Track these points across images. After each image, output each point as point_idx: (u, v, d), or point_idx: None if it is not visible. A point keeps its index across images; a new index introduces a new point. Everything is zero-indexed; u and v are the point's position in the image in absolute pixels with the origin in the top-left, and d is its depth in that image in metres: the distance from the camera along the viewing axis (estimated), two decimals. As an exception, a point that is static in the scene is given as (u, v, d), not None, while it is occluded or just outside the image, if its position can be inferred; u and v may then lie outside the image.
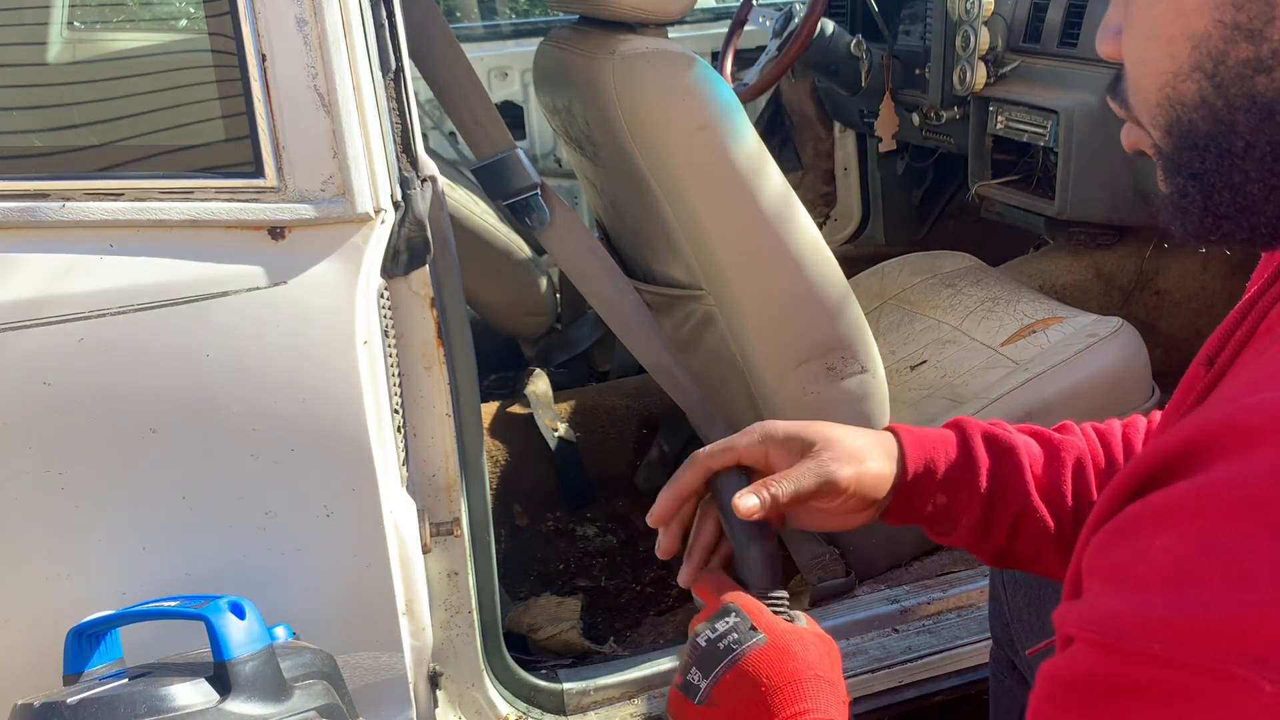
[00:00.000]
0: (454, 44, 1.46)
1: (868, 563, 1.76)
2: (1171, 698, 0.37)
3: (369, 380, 1.13)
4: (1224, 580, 0.36)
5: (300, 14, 1.05)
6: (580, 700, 1.51)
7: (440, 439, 1.29)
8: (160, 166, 1.10)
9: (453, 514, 1.32)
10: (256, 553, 1.15)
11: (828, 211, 3.00)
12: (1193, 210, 0.52)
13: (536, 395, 2.14)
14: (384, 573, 1.19)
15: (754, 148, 1.52)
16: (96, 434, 1.08)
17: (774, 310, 1.58)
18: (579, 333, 2.41)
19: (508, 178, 1.49)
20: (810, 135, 2.94)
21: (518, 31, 3.08)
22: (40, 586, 1.11)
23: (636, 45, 1.49)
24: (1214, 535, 0.37)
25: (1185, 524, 0.38)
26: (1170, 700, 0.37)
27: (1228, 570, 0.36)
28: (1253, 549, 0.36)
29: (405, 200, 1.18)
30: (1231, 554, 0.36)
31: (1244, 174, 0.49)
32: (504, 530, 1.98)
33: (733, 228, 1.53)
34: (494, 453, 2.06)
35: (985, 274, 2.18)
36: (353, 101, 1.08)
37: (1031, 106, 2.13)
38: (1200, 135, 0.50)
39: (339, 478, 1.14)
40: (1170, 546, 0.39)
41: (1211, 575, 0.37)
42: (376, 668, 1.23)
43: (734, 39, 2.50)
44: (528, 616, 1.78)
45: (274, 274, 1.09)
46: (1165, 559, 0.39)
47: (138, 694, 0.94)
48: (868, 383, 1.65)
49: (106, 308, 1.05)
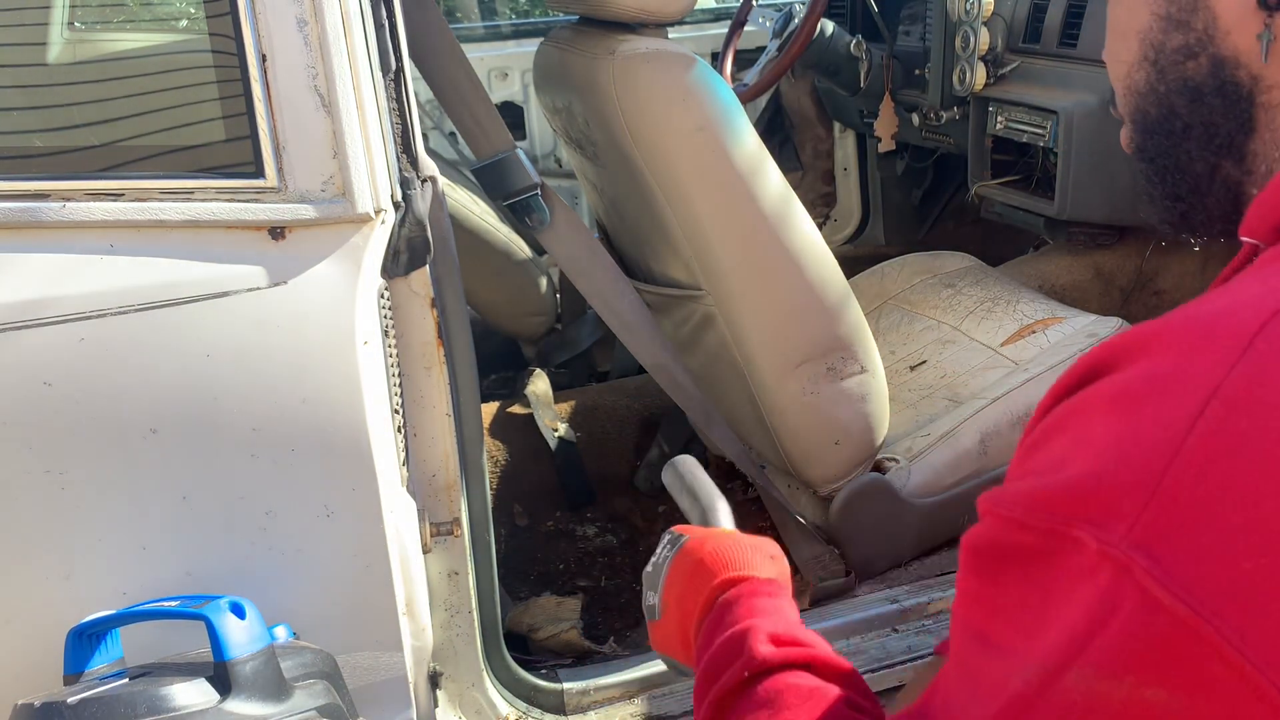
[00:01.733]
0: (454, 44, 1.46)
1: (868, 562, 1.76)
2: (1031, 558, 0.42)
3: (369, 380, 1.13)
4: (1083, 458, 0.41)
5: (300, 14, 1.05)
6: (580, 700, 1.51)
7: (440, 439, 1.29)
8: (161, 167, 1.10)
9: (453, 514, 1.32)
10: (257, 553, 1.15)
11: (828, 211, 3.00)
12: (1156, 194, 0.57)
13: (536, 395, 2.14)
14: (384, 573, 1.19)
15: (754, 148, 1.52)
16: (97, 434, 1.08)
17: (774, 310, 1.58)
18: (579, 333, 2.41)
19: (508, 178, 1.49)
20: (810, 135, 2.94)
21: (518, 32, 3.08)
22: (40, 586, 1.11)
23: (636, 45, 1.49)
24: (1089, 428, 0.42)
25: (1072, 423, 0.43)
26: (1030, 560, 0.42)
27: (1087, 450, 0.41)
28: (1106, 430, 0.41)
29: (405, 200, 1.18)
30: (1092, 437, 0.41)
31: (1188, 154, 0.54)
32: (504, 530, 1.98)
33: (732, 228, 1.53)
34: (494, 453, 2.06)
35: (985, 274, 2.18)
36: (353, 102, 1.08)
37: (1031, 107, 2.13)
38: (1152, 120, 0.55)
39: (339, 478, 1.14)
40: (1060, 443, 0.44)
41: (1077, 456, 0.41)
42: (376, 667, 1.23)
43: (734, 39, 2.50)
44: (528, 616, 1.78)
45: (274, 274, 1.09)
46: (1054, 453, 0.44)
47: (138, 694, 0.94)
48: (867, 383, 1.65)
49: (107, 308, 1.06)
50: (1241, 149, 0.53)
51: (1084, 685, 0.39)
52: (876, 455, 1.73)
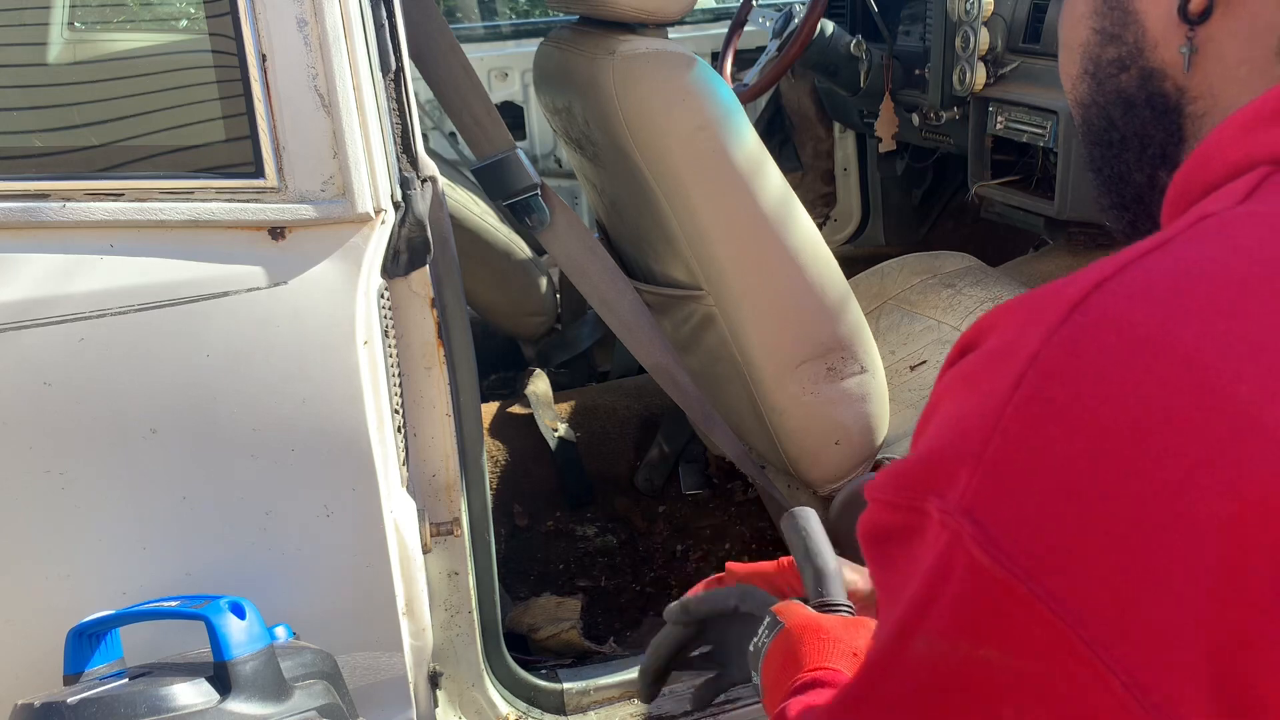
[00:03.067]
0: (454, 44, 1.46)
1: (868, 562, 1.76)
2: (901, 534, 0.44)
3: (369, 380, 1.13)
4: (933, 434, 0.43)
5: (300, 14, 1.05)
6: (580, 700, 1.51)
7: (440, 439, 1.29)
8: (161, 167, 1.10)
9: (453, 514, 1.32)
10: (257, 553, 1.15)
11: (828, 211, 2.99)
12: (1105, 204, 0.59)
13: (536, 395, 2.14)
14: (384, 573, 1.19)
15: (754, 148, 1.52)
16: (97, 434, 1.08)
17: (774, 310, 1.58)
18: (579, 333, 2.41)
19: (508, 178, 1.49)
20: (810, 135, 2.93)
21: (518, 32, 3.08)
22: (40, 586, 1.11)
23: (636, 46, 1.49)
24: (944, 406, 0.44)
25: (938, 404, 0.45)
26: (901, 537, 0.44)
27: (937, 427, 0.43)
28: (952, 406, 0.43)
29: (405, 200, 1.18)
30: (944, 415, 0.43)
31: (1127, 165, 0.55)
32: (504, 530, 1.98)
33: (732, 228, 1.53)
34: (494, 453, 2.06)
35: (985, 274, 2.18)
36: (353, 102, 1.08)
37: (1031, 107, 2.13)
38: (1095, 132, 0.57)
39: (339, 478, 1.14)
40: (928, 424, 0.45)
41: (931, 433, 0.44)
42: (376, 668, 1.23)
43: (734, 39, 2.50)
44: (528, 616, 1.78)
45: (274, 274, 1.09)
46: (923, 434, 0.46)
47: (138, 694, 0.94)
48: (867, 383, 1.65)
49: (107, 308, 1.06)
50: (1175, 159, 0.54)
51: (928, 649, 0.41)
52: (877, 455, 1.73)
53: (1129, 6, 0.53)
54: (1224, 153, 0.46)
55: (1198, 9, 0.49)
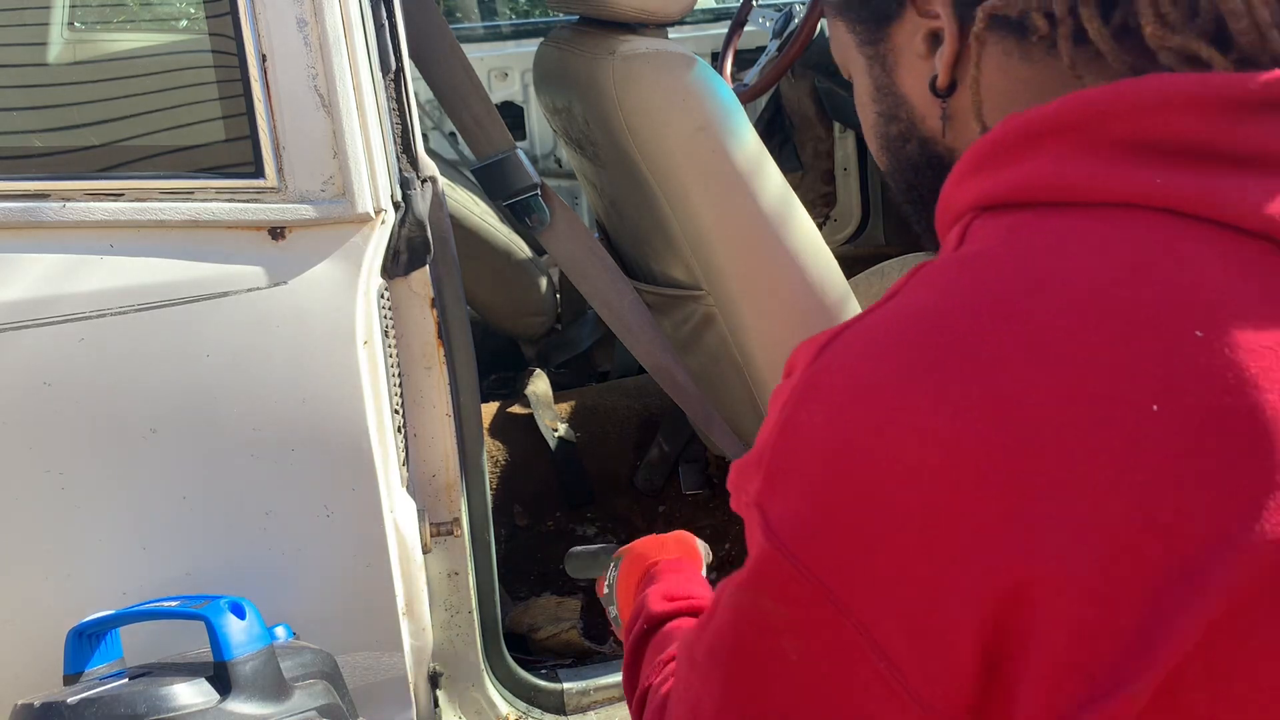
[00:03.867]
0: (454, 44, 1.46)
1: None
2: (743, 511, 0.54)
3: (369, 380, 1.13)
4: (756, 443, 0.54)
5: (300, 14, 1.06)
6: (580, 700, 1.51)
7: (440, 439, 1.29)
8: (161, 167, 1.10)
9: (453, 514, 1.32)
10: (256, 553, 1.15)
11: (828, 211, 2.99)
12: (920, 229, 0.68)
13: (536, 395, 2.14)
14: (384, 573, 1.19)
15: (753, 148, 1.52)
16: (96, 434, 1.08)
17: (774, 310, 1.58)
18: (579, 333, 2.41)
19: (508, 178, 1.49)
20: (810, 135, 2.93)
21: (518, 32, 3.07)
22: (40, 586, 1.11)
23: (636, 46, 1.49)
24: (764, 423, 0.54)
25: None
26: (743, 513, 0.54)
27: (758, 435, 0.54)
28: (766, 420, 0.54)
29: (405, 200, 1.18)
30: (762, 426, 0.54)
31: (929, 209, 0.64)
32: (504, 530, 1.98)
33: (732, 228, 1.53)
34: (494, 453, 2.06)
35: (985, 274, 2.17)
36: (353, 102, 1.08)
37: (1031, 107, 2.13)
38: (902, 190, 0.69)
39: (339, 478, 1.14)
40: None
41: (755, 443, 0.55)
42: (376, 668, 1.23)
43: (734, 39, 2.50)
44: (528, 616, 1.78)
45: (274, 274, 1.09)
46: None
47: (138, 694, 0.94)
48: (867, 383, 1.65)
49: (107, 308, 1.06)
50: None
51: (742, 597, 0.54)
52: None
53: (898, 91, 0.64)
54: (948, 202, 0.57)
55: (943, 85, 0.60)
